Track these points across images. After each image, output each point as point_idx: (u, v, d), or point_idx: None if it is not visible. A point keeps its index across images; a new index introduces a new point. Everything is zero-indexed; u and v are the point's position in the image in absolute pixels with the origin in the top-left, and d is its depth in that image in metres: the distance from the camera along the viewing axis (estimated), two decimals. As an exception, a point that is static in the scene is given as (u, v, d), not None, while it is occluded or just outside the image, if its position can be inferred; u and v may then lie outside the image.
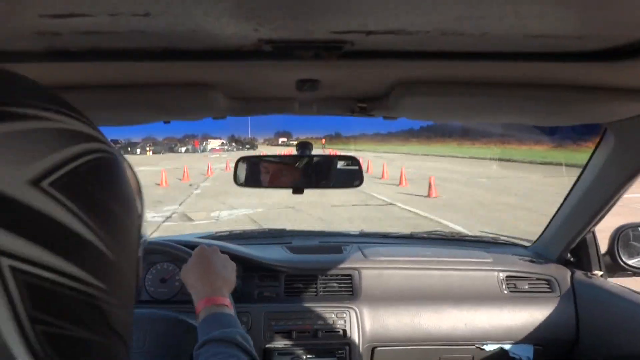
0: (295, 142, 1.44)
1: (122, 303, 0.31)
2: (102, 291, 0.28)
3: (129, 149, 38.55)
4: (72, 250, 0.26)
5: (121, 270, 0.31)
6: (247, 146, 60.85)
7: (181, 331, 1.02)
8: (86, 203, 0.27)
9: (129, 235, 0.32)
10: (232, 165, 1.28)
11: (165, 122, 1.13)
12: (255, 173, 1.31)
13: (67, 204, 0.26)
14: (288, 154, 1.58)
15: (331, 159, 1.33)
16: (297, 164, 1.28)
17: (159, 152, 44.50)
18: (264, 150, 49.14)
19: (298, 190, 1.24)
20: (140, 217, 0.35)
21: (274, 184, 1.33)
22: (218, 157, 33.11)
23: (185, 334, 1.01)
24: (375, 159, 23.18)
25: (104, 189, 0.29)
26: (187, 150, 49.75)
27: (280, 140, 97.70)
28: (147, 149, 41.09)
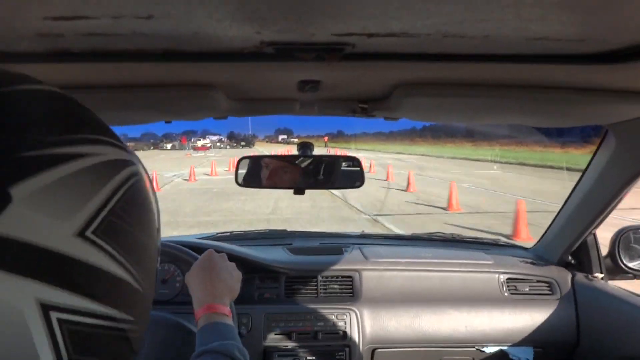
0: (295, 140, 1.52)
1: (143, 326, 0.37)
2: (131, 323, 0.33)
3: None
4: (111, 294, 0.31)
5: (146, 297, 0.36)
6: (243, 143, 59.13)
7: (181, 336, 1.09)
8: (123, 243, 0.32)
9: (152, 259, 0.38)
10: (198, 170, 1.27)
11: (166, 122, 1.24)
12: (256, 173, 1.41)
13: (107, 249, 0.31)
14: (288, 153, 1.67)
15: (334, 160, 1.43)
16: (299, 164, 1.38)
17: (141, 149, 43.99)
18: (260, 148, 48.44)
19: (299, 190, 1.35)
20: (158, 231, 0.40)
21: (275, 184, 1.43)
22: (203, 157, 31.79)
23: (185, 339, 1.08)
24: (401, 164, 18.98)
25: (135, 221, 0.34)
26: (173, 147, 49.04)
27: (280, 137, 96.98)
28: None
